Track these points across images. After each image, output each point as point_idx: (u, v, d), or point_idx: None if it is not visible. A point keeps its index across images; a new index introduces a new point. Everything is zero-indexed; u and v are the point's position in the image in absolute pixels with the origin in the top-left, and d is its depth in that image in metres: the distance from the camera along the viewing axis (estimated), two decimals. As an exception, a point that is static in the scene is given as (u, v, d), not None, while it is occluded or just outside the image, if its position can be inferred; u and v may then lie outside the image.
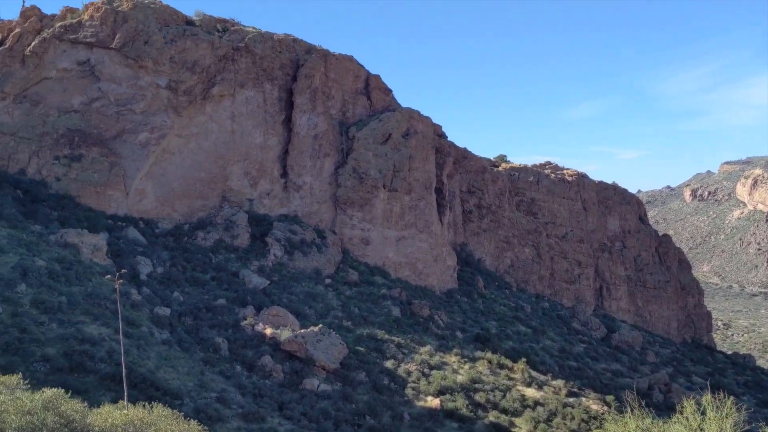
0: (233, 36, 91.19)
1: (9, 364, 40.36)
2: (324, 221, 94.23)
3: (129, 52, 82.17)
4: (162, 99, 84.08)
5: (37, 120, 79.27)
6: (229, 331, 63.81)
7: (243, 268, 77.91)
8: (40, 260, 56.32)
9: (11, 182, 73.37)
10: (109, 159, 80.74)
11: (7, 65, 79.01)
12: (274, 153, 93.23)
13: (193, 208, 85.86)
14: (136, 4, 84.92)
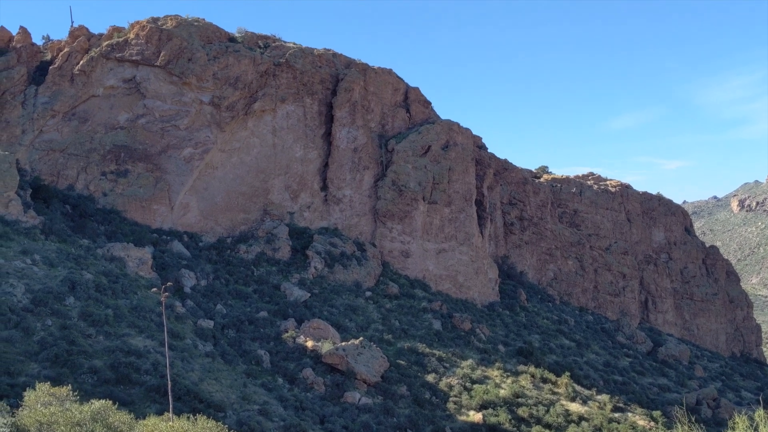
0: (274, 52, 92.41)
1: (58, 375, 41.26)
2: (364, 234, 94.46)
3: (173, 70, 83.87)
4: (205, 115, 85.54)
5: (85, 137, 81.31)
6: (270, 344, 64.27)
7: (284, 281, 78.49)
8: (87, 273, 57.58)
9: (60, 198, 75.27)
10: (154, 174, 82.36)
11: (57, 84, 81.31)
12: (314, 166, 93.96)
13: (235, 222, 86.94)
14: (180, 22, 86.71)
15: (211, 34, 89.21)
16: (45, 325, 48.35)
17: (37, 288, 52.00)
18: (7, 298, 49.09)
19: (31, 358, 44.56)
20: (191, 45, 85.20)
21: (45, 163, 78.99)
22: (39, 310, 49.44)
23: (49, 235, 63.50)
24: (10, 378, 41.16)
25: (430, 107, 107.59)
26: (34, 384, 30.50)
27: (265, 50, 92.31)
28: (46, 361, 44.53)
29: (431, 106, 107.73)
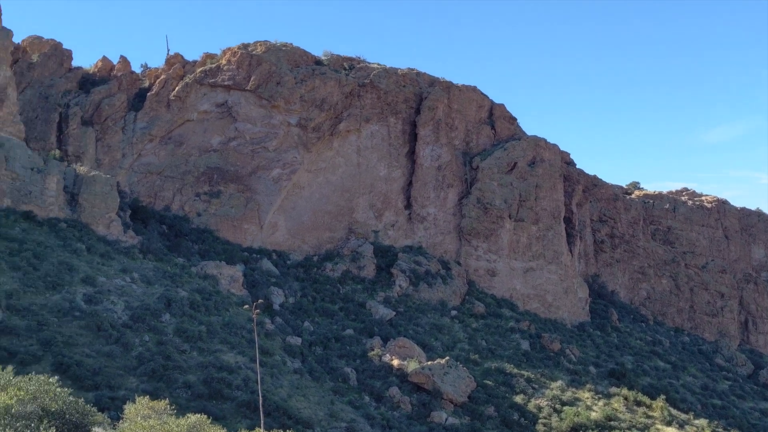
0: (359, 73, 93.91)
1: (155, 389, 42.86)
2: (449, 252, 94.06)
3: (263, 93, 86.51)
4: (293, 136, 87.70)
5: (180, 159, 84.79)
6: (357, 362, 64.72)
7: (369, 299, 79.05)
8: (182, 291, 59.74)
9: (157, 218, 78.59)
10: (245, 194, 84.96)
11: (154, 109, 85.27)
12: (398, 185, 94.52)
13: (321, 240, 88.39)
14: (269, 47, 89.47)
15: (299, 57, 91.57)
16: (143, 340, 50.40)
17: (136, 305, 54.31)
18: (108, 315, 51.50)
19: (130, 373, 46.50)
20: (279, 69, 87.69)
21: (143, 185, 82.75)
22: (137, 326, 51.60)
23: (146, 254, 66.32)
24: (111, 391, 43.05)
25: (516, 123, 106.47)
26: (134, 397, 31.78)
27: (350, 72, 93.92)
28: (144, 375, 46.36)
29: (517, 122, 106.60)
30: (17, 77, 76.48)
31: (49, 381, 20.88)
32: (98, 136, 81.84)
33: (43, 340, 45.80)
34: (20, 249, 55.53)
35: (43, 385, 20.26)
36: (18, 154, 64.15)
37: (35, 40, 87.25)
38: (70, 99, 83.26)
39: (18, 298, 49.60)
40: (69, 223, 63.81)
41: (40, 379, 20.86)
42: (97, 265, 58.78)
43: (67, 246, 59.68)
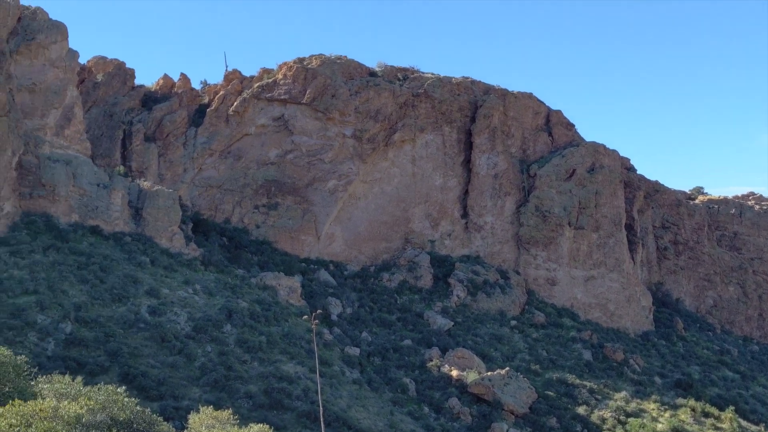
0: (413, 83, 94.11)
1: (217, 400, 43.59)
2: (507, 261, 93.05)
3: (318, 106, 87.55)
4: (348, 148, 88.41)
5: (239, 173, 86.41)
6: (415, 372, 64.55)
7: (427, 309, 78.81)
8: (243, 302, 60.69)
9: (218, 230, 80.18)
10: (302, 206, 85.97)
11: (214, 125, 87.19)
12: (454, 194, 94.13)
13: (377, 251, 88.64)
14: (324, 60, 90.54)
15: (353, 70, 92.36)
16: (205, 351, 51.35)
17: (198, 316, 55.42)
18: (171, 326, 52.67)
19: (193, 383, 47.42)
20: (334, 82, 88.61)
21: (204, 198, 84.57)
22: (200, 337, 52.62)
23: (208, 266, 67.68)
24: (175, 401, 43.97)
25: (574, 130, 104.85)
26: (197, 407, 32.35)
27: (404, 82, 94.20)
28: (207, 385, 47.20)
29: (575, 128, 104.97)
30: (83, 96, 79.25)
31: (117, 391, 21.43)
32: (161, 152, 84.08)
33: (110, 351, 47.10)
34: (88, 263, 57.34)
35: (111, 395, 20.80)
36: (85, 171, 66.38)
37: (100, 60, 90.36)
38: (134, 116, 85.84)
39: (86, 311, 51.18)
40: (133, 236, 65.63)
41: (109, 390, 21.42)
42: (161, 278, 60.24)
43: (132, 259, 61.36)
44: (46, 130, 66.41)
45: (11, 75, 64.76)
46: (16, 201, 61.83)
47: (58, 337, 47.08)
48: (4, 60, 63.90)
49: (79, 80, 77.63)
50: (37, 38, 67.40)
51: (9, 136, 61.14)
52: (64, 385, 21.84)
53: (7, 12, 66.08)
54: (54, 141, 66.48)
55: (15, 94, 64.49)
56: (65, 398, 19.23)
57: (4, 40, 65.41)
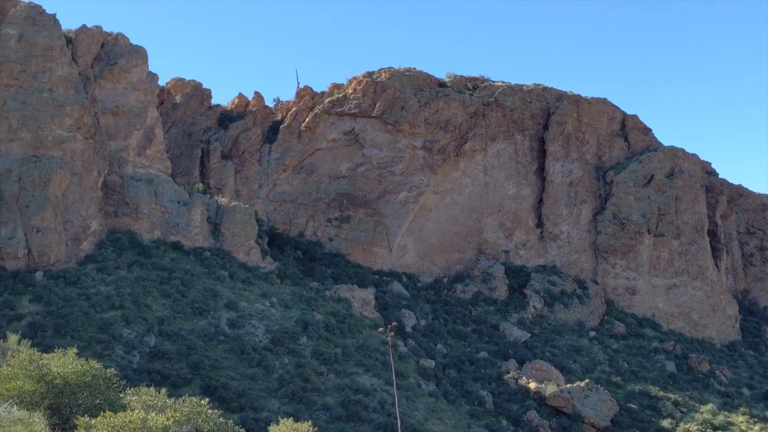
0: (483, 92, 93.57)
1: (295, 411, 44.12)
2: (584, 271, 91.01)
3: (388, 118, 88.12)
4: (418, 159, 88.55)
5: (312, 187, 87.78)
6: (492, 385, 63.79)
7: (503, 321, 77.82)
8: (318, 314, 61.44)
9: (292, 244, 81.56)
10: (374, 219, 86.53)
11: (287, 141, 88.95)
12: (527, 203, 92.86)
13: (450, 262, 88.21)
14: (393, 73, 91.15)
15: (422, 81, 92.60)
16: (282, 363, 52.17)
17: (275, 328, 56.39)
18: (250, 338, 53.77)
19: (272, 395, 48.22)
20: (404, 94, 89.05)
21: (278, 213, 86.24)
22: (277, 349, 53.51)
23: (283, 279, 68.87)
24: (255, 413, 44.81)
25: (651, 134, 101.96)
26: (276, 419, 32.86)
27: (474, 91, 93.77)
28: (285, 397, 47.92)
29: (651, 132, 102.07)
30: (163, 117, 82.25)
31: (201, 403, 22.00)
32: (237, 169, 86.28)
33: (192, 364, 48.42)
34: (170, 277, 59.23)
35: (195, 407, 21.38)
36: (166, 189, 68.78)
37: (178, 82, 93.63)
38: (211, 135, 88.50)
39: (169, 324, 52.83)
40: (212, 251, 67.44)
41: (193, 401, 22.01)
42: (239, 291, 61.65)
43: (211, 273, 63.04)
44: (129, 150, 69.17)
45: (96, 99, 67.84)
46: (102, 219, 64.54)
47: (142, 350, 48.73)
48: (89, 85, 67.02)
49: (158, 102, 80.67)
50: (119, 63, 70.40)
51: (95, 158, 63.98)
52: (150, 397, 22.59)
53: (91, 39, 69.36)
54: (136, 161, 69.16)
55: (100, 117, 67.50)
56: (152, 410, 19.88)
57: (89, 66, 68.63)
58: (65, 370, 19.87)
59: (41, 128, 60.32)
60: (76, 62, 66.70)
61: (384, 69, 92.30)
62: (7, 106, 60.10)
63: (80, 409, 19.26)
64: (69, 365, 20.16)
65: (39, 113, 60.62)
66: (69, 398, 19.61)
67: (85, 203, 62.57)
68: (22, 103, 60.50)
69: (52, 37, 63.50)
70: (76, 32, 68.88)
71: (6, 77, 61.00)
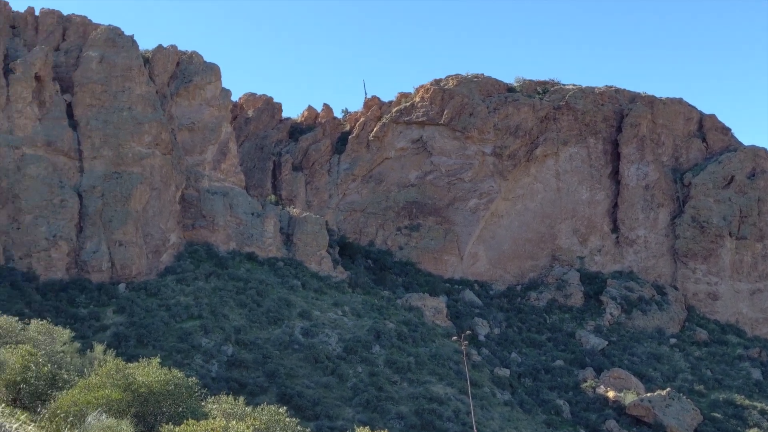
0: (553, 96, 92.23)
1: (369, 420, 44.30)
2: (663, 276, 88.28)
3: (456, 125, 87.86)
4: (488, 165, 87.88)
5: (381, 196, 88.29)
6: (569, 393, 62.61)
7: (579, 329, 76.28)
8: (390, 323, 61.63)
9: (363, 253, 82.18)
10: (443, 226, 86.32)
11: (356, 151, 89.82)
12: (602, 208, 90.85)
13: (523, 269, 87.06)
14: (461, 80, 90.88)
15: (490, 87, 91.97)
16: (356, 371, 52.53)
17: (348, 337, 56.87)
18: (323, 347, 54.41)
19: (346, 403, 48.61)
20: (472, 100, 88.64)
21: (348, 222, 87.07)
22: (350, 358, 53.94)
23: (355, 288, 69.43)
24: (330, 421, 45.26)
25: (730, 134, 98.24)
26: (351, 427, 33.11)
27: (543, 95, 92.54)
28: (359, 405, 48.23)
29: (731, 132, 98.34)
30: (236, 131, 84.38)
31: (279, 411, 22.37)
32: (307, 180, 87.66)
33: (268, 372, 49.34)
34: (245, 287, 60.59)
35: (274, 415, 21.77)
36: (240, 201, 70.52)
37: (250, 97, 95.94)
38: (282, 148, 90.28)
39: (245, 333, 54.03)
40: (285, 261, 68.63)
41: (271, 410, 22.42)
42: (312, 300, 62.50)
43: (284, 283, 64.16)
44: (205, 165, 71.24)
45: (173, 116, 70.21)
46: (180, 232, 66.63)
47: (220, 359, 49.96)
48: (166, 102, 69.44)
49: (232, 117, 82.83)
50: (194, 80, 72.67)
51: (172, 173, 66.18)
52: (230, 406, 23.16)
53: (167, 58, 71.89)
54: (212, 175, 71.15)
55: (176, 133, 69.81)
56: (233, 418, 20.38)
57: (166, 84, 71.12)
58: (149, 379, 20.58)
59: (122, 145, 62.82)
60: (153, 81, 69.21)
61: (451, 76, 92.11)
62: (90, 125, 62.87)
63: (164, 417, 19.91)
64: (153, 374, 20.87)
65: (119, 131, 63.17)
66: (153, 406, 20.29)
67: (164, 217, 64.74)
68: (104, 122, 63.16)
69: (131, 57, 66.12)
70: (152, 52, 71.51)
71: (89, 97, 63.85)
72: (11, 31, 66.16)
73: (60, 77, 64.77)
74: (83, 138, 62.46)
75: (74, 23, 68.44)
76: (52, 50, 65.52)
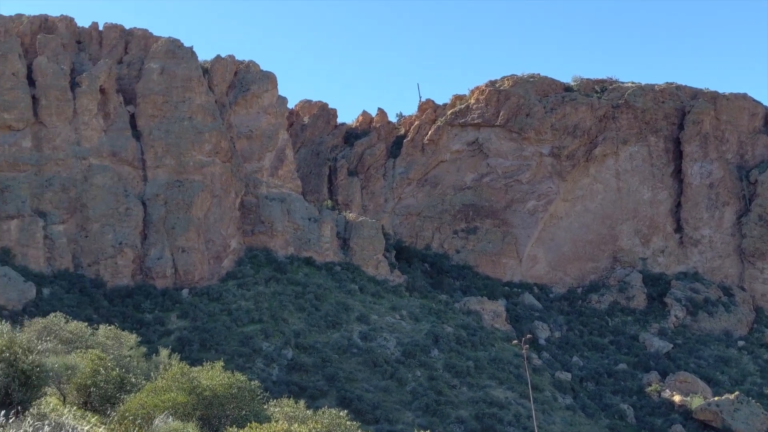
0: (612, 94, 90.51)
1: (429, 424, 44.26)
2: (729, 277, 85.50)
3: (513, 126, 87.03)
4: (546, 166, 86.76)
5: (437, 199, 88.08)
6: (633, 398, 61.31)
7: (642, 331, 74.55)
8: (448, 327, 61.42)
9: (419, 257, 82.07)
10: (501, 229, 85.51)
11: (410, 154, 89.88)
12: (664, 207, 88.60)
13: (584, 271, 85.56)
14: (516, 81, 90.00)
15: (547, 87, 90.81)
16: (415, 375, 52.54)
17: (406, 341, 56.91)
18: (382, 351, 54.59)
19: (405, 407, 48.65)
20: (528, 101, 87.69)
21: (404, 226, 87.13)
22: (409, 362, 53.98)
23: (412, 292, 69.43)
24: (390, 425, 45.37)
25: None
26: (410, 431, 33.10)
27: (602, 94, 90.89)
28: (418, 409, 48.22)
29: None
30: (293, 138, 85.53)
31: (340, 415, 22.54)
32: (363, 185, 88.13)
33: (328, 376, 49.77)
34: (304, 292, 61.29)
35: (335, 419, 21.94)
36: (297, 207, 71.43)
37: (305, 104, 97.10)
38: (337, 153, 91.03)
39: (304, 337, 54.66)
40: (342, 265, 69.13)
41: (332, 413, 22.61)
42: (370, 304, 62.78)
43: (342, 287, 64.63)
44: (263, 171, 72.43)
45: (231, 124, 71.66)
46: (240, 238, 67.89)
47: (281, 362, 50.66)
48: (224, 111, 70.93)
49: (288, 124, 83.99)
50: (251, 89, 73.99)
51: (232, 180, 67.53)
52: (292, 409, 23.46)
53: (225, 68, 73.44)
54: (270, 181, 72.29)
55: (235, 141, 71.21)
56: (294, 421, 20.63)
57: (224, 93, 72.64)
58: (214, 383, 20.98)
59: (183, 154, 64.43)
60: (213, 90, 70.77)
61: (507, 77, 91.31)
62: (152, 135, 64.69)
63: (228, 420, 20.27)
64: (217, 378, 21.27)
65: (181, 140, 64.80)
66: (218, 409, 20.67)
67: (225, 223, 66.07)
68: (166, 132, 64.89)
69: (190, 68, 67.77)
70: (211, 62, 73.13)
71: (151, 108, 65.71)
72: (77, 46, 68.60)
73: (123, 89, 66.87)
74: (146, 148, 64.29)
75: (136, 36, 70.54)
76: (116, 63, 67.68)
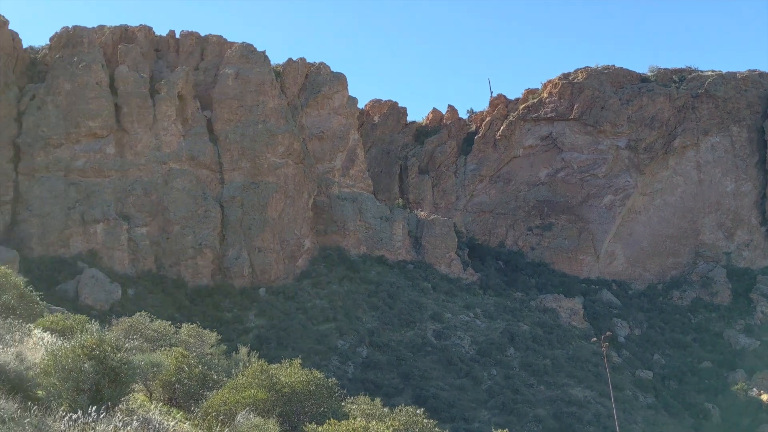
0: (691, 84, 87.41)
1: (506, 423, 43.81)
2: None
3: (587, 120, 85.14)
4: (623, 160, 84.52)
5: (510, 196, 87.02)
6: (718, 397, 59.16)
7: (727, 328, 71.70)
8: (524, 325, 60.67)
9: (493, 254, 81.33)
10: (577, 225, 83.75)
11: (482, 151, 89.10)
12: (749, 199, 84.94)
13: (664, 267, 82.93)
14: (590, 73, 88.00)
15: (622, 78, 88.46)
16: (490, 374, 52.13)
17: (481, 339, 56.53)
18: (456, 349, 54.40)
19: (481, 406, 48.34)
20: (603, 93, 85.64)
21: (477, 223, 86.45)
22: (484, 360, 53.61)
23: (486, 290, 68.91)
24: (466, 423, 45.17)
25: None
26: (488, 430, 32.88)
27: (680, 84, 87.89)
28: (495, 408, 47.83)
29: None
30: (363, 138, 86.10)
31: (416, 413, 22.57)
32: (434, 182, 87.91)
33: (403, 374, 49.94)
34: (377, 290, 61.68)
35: (412, 417, 21.98)
36: (369, 206, 71.92)
37: (375, 103, 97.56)
38: (408, 151, 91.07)
39: (378, 335, 54.99)
40: (415, 264, 69.22)
41: (409, 411, 22.65)
42: (443, 302, 62.64)
43: (415, 285, 64.73)
44: (334, 172, 73.25)
45: (303, 126, 72.77)
46: (314, 237, 68.87)
47: (356, 360, 51.14)
48: (297, 113, 72.09)
49: (359, 124, 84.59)
50: (322, 90, 74.94)
51: (305, 181, 68.59)
52: (368, 406, 23.60)
53: (296, 71, 74.63)
54: (341, 181, 73.05)
55: (307, 142, 72.27)
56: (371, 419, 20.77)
57: (296, 96, 73.83)
58: (292, 380, 21.32)
59: (258, 157, 65.83)
60: (285, 93, 72.01)
61: (580, 69, 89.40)
62: (228, 139, 66.34)
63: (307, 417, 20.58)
64: (295, 375, 21.61)
65: (255, 143, 66.21)
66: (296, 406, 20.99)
67: (299, 223, 67.15)
68: (241, 135, 66.44)
69: (263, 72, 69.15)
70: (283, 66, 74.42)
71: (227, 113, 67.38)
72: (155, 54, 70.99)
73: (200, 95, 68.78)
74: (223, 151, 65.97)
75: (211, 43, 72.44)
76: (192, 69, 69.69)
